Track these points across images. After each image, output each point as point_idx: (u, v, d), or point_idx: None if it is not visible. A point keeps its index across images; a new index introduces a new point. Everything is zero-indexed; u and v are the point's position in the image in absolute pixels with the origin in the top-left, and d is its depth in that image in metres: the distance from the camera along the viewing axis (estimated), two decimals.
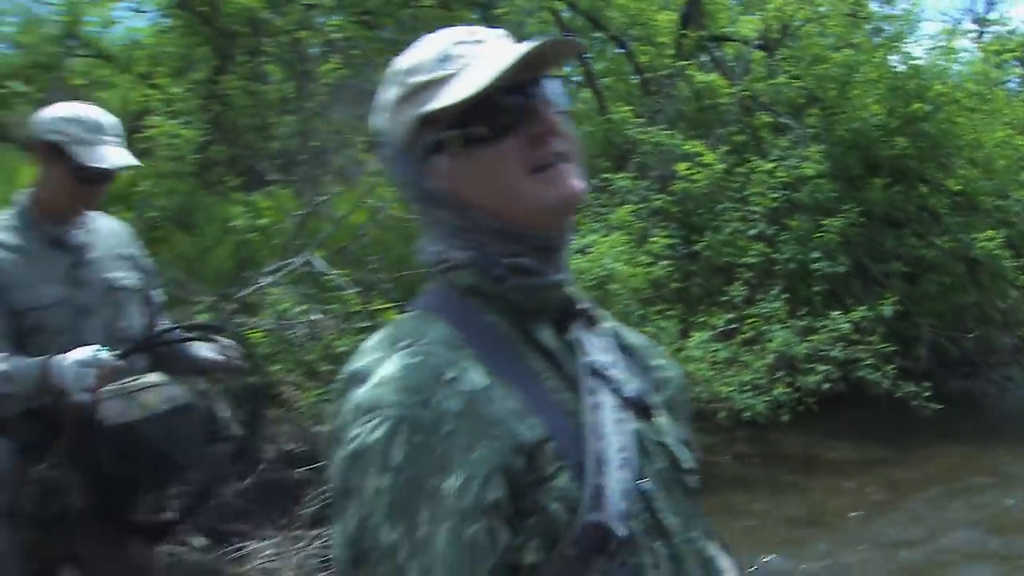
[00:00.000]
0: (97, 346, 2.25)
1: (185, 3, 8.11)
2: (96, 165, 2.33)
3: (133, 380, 2.34)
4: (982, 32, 14.56)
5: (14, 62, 8.43)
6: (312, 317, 5.70)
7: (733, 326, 6.60)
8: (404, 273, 6.63)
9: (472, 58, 1.01)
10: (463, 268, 1.05)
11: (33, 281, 2.35)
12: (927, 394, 6.51)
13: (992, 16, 16.60)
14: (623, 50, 9.83)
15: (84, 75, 8.67)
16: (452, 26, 1.08)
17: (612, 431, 1.00)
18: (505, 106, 0.99)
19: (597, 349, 1.09)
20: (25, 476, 2.27)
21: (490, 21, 8.18)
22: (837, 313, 6.78)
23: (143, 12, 8.65)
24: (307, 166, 7.90)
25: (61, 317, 2.37)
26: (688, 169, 7.60)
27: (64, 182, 2.38)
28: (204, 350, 2.57)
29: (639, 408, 1.07)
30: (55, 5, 8.34)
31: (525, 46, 0.97)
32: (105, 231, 2.56)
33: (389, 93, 1.06)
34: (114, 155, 2.37)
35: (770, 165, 7.66)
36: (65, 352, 2.26)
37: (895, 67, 8.80)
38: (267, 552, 4.51)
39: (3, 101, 7.93)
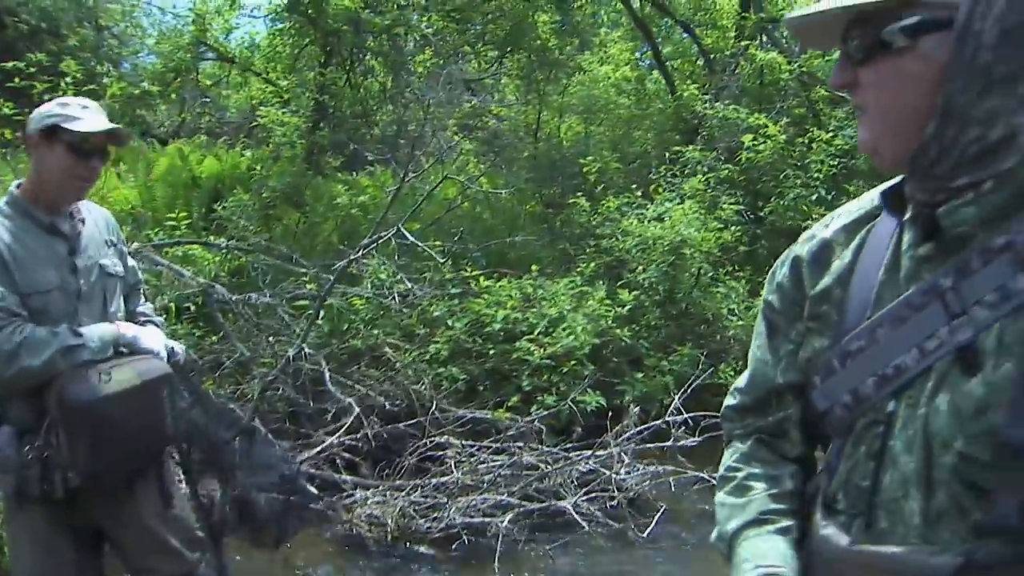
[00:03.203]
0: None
1: (294, 7, 8.59)
2: (88, 130, 2.33)
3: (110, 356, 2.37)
4: None
5: (154, 69, 9.15)
6: (407, 285, 5.80)
7: None
8: (491, 242, 7.15)
9: None
10: None
11: (35, 266, 2.31)
12: None
13: None
14: (689, 34, 10.26)
15: (211, 76, 9.46)
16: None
17: (896, 344, 0.96)
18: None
19: (979, 280, 0.91)
20: (25, 458, 2.28)
21: (566, 12, 8.66)
22: None
23: (258, 18, 9.39)
24: (404, 148, 8.19)
25: (60, 302, 2.35)
26: (753, 141, 7.94)
27: (62, 159, 2.35)
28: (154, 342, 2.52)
29: (959, 355, 0.91)
30: (186, 17, 9.03)
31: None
32: (92, 218, 2.52)
33: None
34: (100, 122, 2.39)
35: (828, 135, 7.95)
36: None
37: None
38: (373, 500, 4.67)
39: (140, 100, 8.56)
